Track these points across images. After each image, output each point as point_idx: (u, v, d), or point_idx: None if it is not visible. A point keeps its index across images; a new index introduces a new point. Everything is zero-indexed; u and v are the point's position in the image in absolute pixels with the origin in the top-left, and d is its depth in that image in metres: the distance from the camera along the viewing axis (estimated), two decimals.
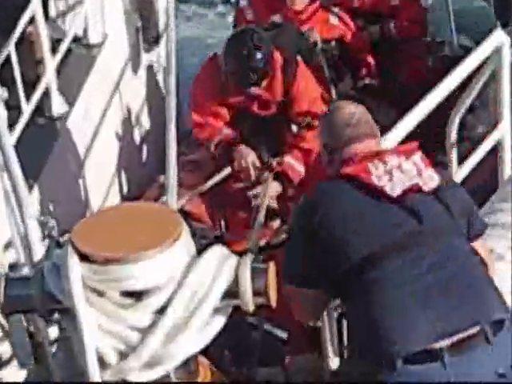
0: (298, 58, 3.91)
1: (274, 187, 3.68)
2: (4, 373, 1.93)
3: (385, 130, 2.38)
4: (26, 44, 3.80)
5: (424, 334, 1.70)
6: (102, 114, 4.34)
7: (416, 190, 1.86)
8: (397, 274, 1.77)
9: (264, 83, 3.65)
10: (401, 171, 1.88)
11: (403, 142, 2.46)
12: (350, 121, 2.01)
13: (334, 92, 4.15)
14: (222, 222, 3.80)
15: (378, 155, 1.93)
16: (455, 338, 1.69)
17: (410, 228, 1.84)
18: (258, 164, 3.68)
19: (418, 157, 1.93)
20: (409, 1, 4.76)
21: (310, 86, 3.87)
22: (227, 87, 3.72)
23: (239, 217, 3.76)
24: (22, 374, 1.71)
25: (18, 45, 3.54)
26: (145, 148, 4.94)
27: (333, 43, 4.45)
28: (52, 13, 4.21)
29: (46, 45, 3.80)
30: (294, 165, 3.72)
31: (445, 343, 1.68)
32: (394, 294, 1.76)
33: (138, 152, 4.88)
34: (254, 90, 3.64)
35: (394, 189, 1.84)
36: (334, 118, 2.09)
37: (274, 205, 3.68)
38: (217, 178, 3.68)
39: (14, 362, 1.65)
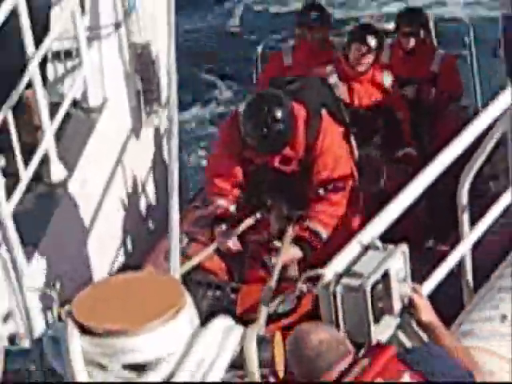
0: (324, 111, 3.66)
1: (293, 253, 3.48)
2: None
3: None
4: (24, 108, 3.71)
5: None
6: (102, 180, 4.24)
7: None
8: None
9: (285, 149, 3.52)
10: None
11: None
12: (320, 349, 1.90)
13: (356, 153, 3.95)
14: (238, 276, 3.69)
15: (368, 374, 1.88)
16: None
17: None
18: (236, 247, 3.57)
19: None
20: (449, 69, 4.92)
21: (335, 142, 3.61)
22: (247, 144, 3.55)
23: (256, 271, 3.60)
24: None
25: (15, 109, 3.47)
26: (148, 214, 4.79)
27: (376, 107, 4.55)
28: (50, 76, 4.13)
29: (44, 109, 3.69)
30: (319, 231, 3.48)
31: None
32: None
33: (140, 219, 4.74)
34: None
35: None
36: (301, 349, 1.93)
37: (292, 271, 3.50)
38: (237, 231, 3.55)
39: None
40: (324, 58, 4.70)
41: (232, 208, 3.59)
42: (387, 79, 4.59)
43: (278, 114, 3.38)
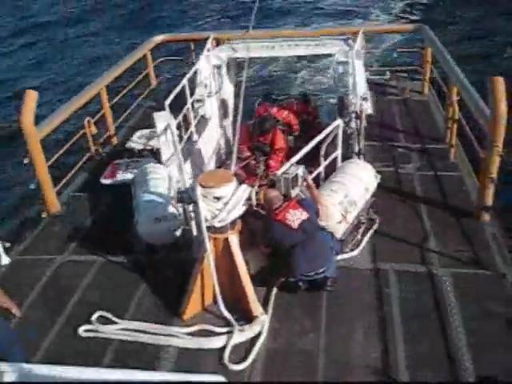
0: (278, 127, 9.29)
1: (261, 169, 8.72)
2: None
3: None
4: None
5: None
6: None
7: (301, 221, 5.49)
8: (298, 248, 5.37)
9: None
10: (296, 216, 5.51)
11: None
12: (273, 197, 5.62)
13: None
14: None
15: (286, 209, 5.51)
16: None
17: (302, 236, 5.41)
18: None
19: (299, 209, 5.55)
20: (313, 111, 10.63)
21: (281, 137, 9.06)
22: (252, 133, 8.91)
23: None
24: None
25: None
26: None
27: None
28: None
29: None
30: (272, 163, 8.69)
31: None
32: (297, 253, 5.37)
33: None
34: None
35: (295, 223, 5.46)
36: (269, 197, 5.59)
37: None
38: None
39: None
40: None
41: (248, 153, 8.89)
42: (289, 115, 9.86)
43: (266, 124, 8.71)
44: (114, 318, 5.40)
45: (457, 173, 7.84)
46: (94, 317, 5.42)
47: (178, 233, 6.23)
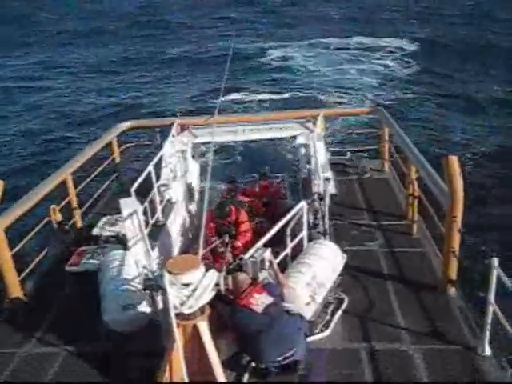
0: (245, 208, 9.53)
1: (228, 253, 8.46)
2: None
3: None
4: None
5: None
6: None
7: (266, 305, 5.50)
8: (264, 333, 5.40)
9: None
10: (260, 300, 5.51)
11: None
12: (245, 281, 5.58)
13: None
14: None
15: (251, 294, 5.53)
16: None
17: (267, 320, 5.39)
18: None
19: (264, 293, 5.60)
20: (277, 192, 11.26)
21: (245, 217, 9.17)
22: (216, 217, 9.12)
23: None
24: None
25: None
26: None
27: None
28: None
29: None
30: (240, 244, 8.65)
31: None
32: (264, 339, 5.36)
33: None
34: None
35: (260, 308, 5.46)
36: (237, 281, 5.53)
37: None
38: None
39: None
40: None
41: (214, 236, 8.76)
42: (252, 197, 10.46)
43: (226, 207, 8.85)
44: None
45: (420, 249, 8.01)
46: None
47: (146, 320, 6.12)
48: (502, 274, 5.26)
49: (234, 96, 26.82)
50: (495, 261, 5.29)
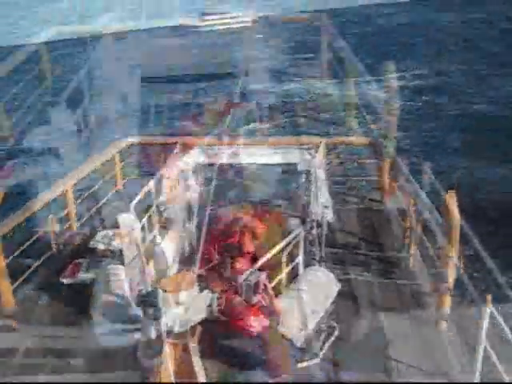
0: None
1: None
2: None
3: None
4: None
5: None
6: None
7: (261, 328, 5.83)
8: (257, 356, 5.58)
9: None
10: (256, 323, 5.79)
11: None
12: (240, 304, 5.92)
13: None
14: None
15: (247, 316, 5.84)
16: None
17: (261, 343, 5.71)
18: None
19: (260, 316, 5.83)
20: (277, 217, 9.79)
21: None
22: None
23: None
24: None
25: None
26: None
27: None
28: None
29: None
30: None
31: None
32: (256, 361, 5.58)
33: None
34: None
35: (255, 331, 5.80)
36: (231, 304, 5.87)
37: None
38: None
39: None
40: None
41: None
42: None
43: (232, 228, 8.24)
44: None
45: (415, 281, 8.01)
46: None
47: (137, 336, 6.10)
48: (496, 313, 5.25)
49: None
50: (488, 297, 5.29)
